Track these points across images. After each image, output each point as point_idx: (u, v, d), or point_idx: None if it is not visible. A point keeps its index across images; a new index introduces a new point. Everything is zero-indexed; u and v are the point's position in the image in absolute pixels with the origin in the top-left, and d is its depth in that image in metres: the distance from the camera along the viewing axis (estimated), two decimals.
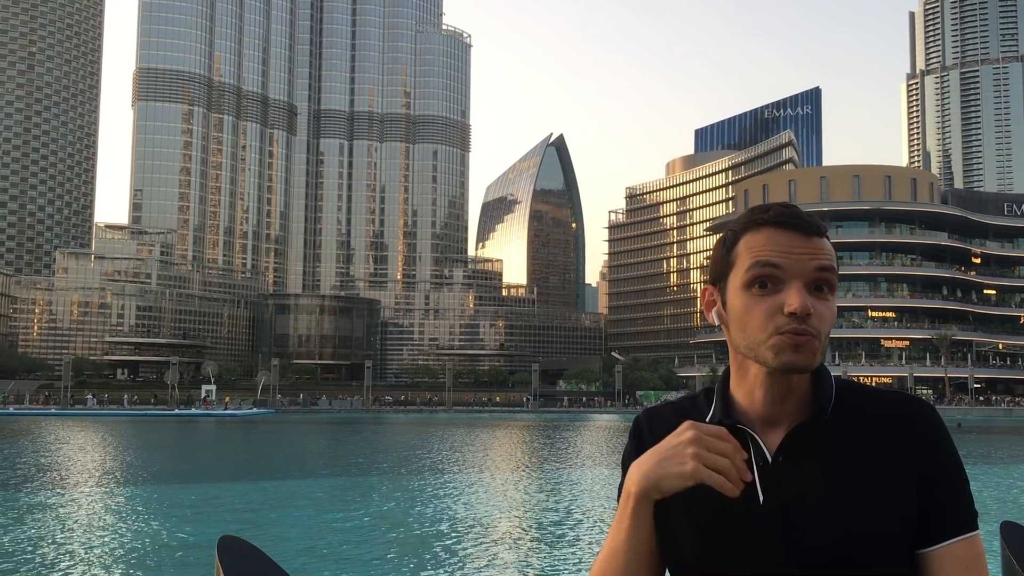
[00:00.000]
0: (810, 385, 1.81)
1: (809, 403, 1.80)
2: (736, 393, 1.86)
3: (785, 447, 1.78)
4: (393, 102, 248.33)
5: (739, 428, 1.80)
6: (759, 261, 1.75)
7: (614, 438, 65.41)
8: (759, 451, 1.79)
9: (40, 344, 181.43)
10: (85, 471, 38.14)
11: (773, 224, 1.77)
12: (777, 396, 1.79)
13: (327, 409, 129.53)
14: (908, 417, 1.78)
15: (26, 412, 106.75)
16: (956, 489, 1.76)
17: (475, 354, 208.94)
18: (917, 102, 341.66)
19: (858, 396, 1.83)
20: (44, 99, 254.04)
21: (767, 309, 1.73)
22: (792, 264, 1.73)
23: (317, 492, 30.78)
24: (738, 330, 1.79)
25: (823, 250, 1.76)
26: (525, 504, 27.91)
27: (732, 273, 1.80)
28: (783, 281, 1.74)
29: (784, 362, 1.71)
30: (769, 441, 1.80)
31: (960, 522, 1.74)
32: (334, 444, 61.42)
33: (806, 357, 1.71)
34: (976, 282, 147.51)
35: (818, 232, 1.78)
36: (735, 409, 1.84)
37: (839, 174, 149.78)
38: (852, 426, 1.78)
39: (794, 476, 1.74)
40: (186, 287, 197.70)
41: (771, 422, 1.81)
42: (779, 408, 1.80)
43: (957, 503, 1.75)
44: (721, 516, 1.73)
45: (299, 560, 18.00)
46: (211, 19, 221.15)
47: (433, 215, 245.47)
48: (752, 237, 1.78)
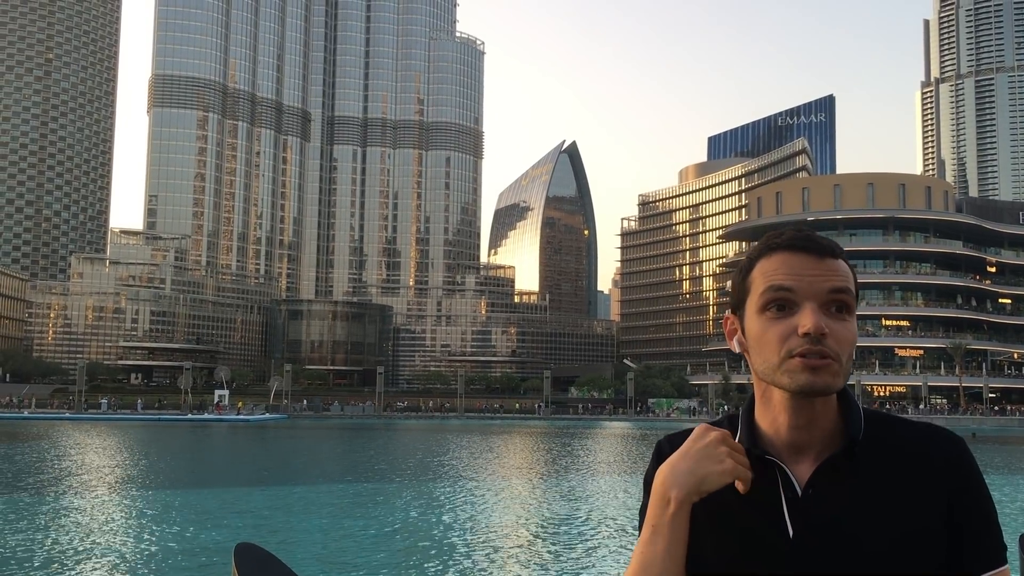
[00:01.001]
0: (838, 413, 1.81)
1: (837, 432, 1.80)
2: (761, 422, 1.85)
3: (815, 480, 1.76)
4: (406, 109, 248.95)
5: (767, 459, 1.79)
6: (772, 285, 1.77)
7: (628, 446, 65.31)
8: (788, 483, 1.77)
9: (55, 348, 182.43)
10: (100, 475, 38.34)
11: (785, 248, 1.80)
12: (802, 421, 1.78)
13: (339, 415, 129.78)
14: (940, 452, 1.77)
15: (41, 416, 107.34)
16: (987, 525, 1.76)
17: (487, 360, 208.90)
18: (932, 110, 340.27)
19: (887, 427, 1.83)
20: (60, 105, 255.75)
21: (782, 332, 1.74)
22: (805, 286, 1.74)
23: (333, 499, 30.86)
24: (756, 355, 1.79)
25: (837, 272, 1.77)
26: (541, 512, 27.89)
27: (749, 299, 1.82)
28: (797, 304, 1.75)
29: (801, 384, 1.71)
30: (797, 472, 1.78)
31: (989, 557, 1.75)
32: (348, 450, 61.53)
33: (824, 379, 1.71)
34: (991, 291, 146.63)
35: (832, 254, 1.79)
36: (761, 438, 1.83)
37: (853, 182, 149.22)
38: (883, 459, 1.77)
39: (825, 510, 1.73)
40: (200, 292, 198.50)
41: (798, 450, 1.80)
42: (805, 435, 1.79)
43: (987, 539, 1.75)
44: (749, 549, 1.71)
45: (315, 568, 18.06)
46: (226, 26, 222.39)
47: (446, 221, 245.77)
48: (766, 262, 1.81)
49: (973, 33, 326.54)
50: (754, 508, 1.75)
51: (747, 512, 1.73)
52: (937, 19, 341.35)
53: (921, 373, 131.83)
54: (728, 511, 1.75)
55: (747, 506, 1.73)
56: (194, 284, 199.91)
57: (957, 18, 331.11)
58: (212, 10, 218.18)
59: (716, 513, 1.75)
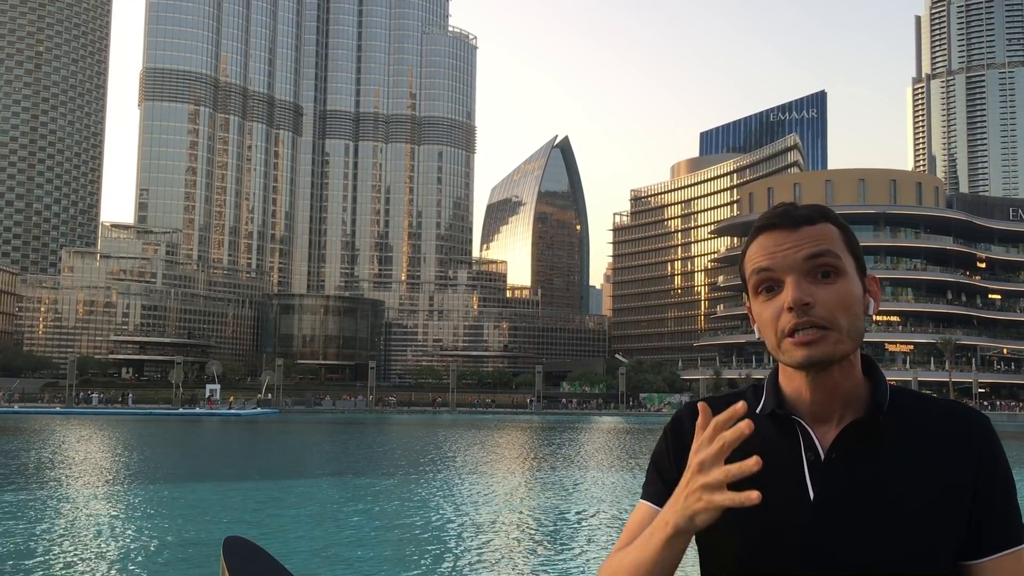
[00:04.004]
0: (863, 381, 1.81)
1: (862, 400, 1.79)
2: (786, 387, 1.84)
3: (839, 443, 1.75)
4: (399, 103, 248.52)
5: (792, 419, 1.79)
6: (755, 268, 1.80)
7: (619, 440, 65.46)
8: (811, 444, 1.76)
9: (45, 342, 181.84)
10: (90, 470, 38.28)
11: (762, 229, 1.82)
12: (824, 395, 1.77)
13: (331, 410, 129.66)
14: (966, 428, 1.77)
15: (31, 411, 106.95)
16: (1009, 504, 1.75)
17: (479, 355, 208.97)
18: (923, 106, 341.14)
19: (912, 400, 1.82)
20: (51, 98, 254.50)
21: (773, 312, 1.76)
22: (780, 261, 1.76)
23: (322, 493, 30.86)
24: (764, 336, 1.82)
25: (812, 237, 1.77)
26: (533, 505, 27.95)
27: (748, 286, 1.85)
28: (780, 281, 1.76)
29: (798, 360, 1.73)
30: (821, 436, 1.77)
31: (1010, 536, 1.74)
32: (339, 445, 61.50)
33: (821, 349, 1.71)
34: (981, 287, 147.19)
35: (808, 221, 1.79)
36: (787, 401, 1.82)
37: (844, 178, 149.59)
38: (909, 428, 1.76)
39: (848, 474, 1.72)
40: (191, 287, 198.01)
41: (822, 418, 1.79)
42: (828, 404, 1.78)
43: (1008, 517, 1.75)
44: (769, 513, 1.67)
45: (304, 561, 18.07)
46: (218, 20, 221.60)
47: (438, 216, 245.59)
48: (751, 248, 1.83)
49: (964, 29, 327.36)
50: (775, 472, 1.71)
51: (768, 475, 1.64)
52: (928, 15, 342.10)
53: (911, 368, 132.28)
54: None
55: (768, 469, 1.64)
56: (185, 278, 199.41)
57: (948, 14, 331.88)
58: (203, 3, 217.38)
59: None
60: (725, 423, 1.56)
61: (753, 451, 1.63)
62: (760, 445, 1.69)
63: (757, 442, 1.68)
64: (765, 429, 1.80)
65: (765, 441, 1.76)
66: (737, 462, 1.55)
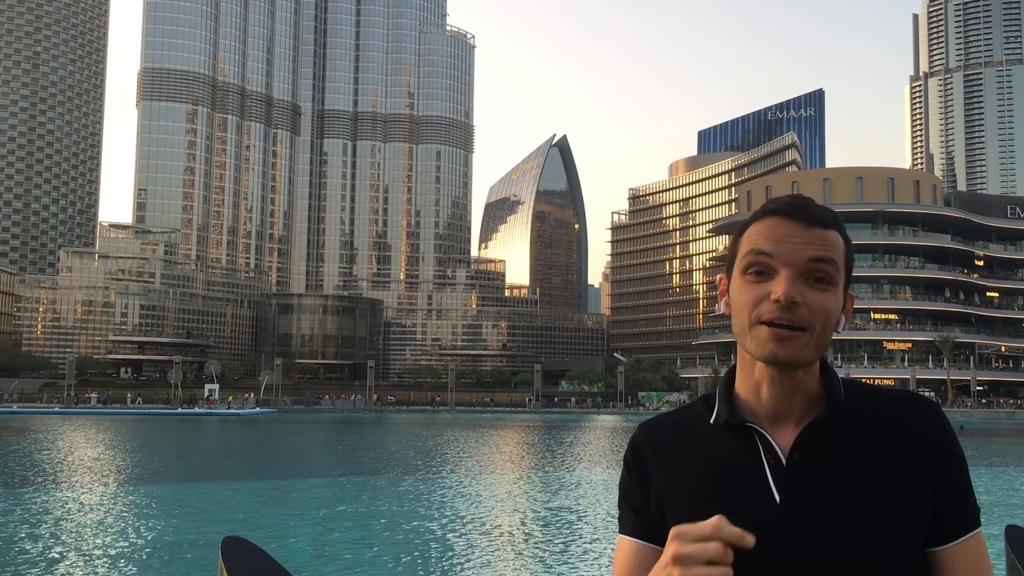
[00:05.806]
0: (819, 381, 1.81)
1: (818, 400, 1.79)
2: (741, 389, 1.84)
3: (799, 445, 1.75)
4: (397, 102, 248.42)
5: (748, 426, 1.79)
6: (753, 248, 1.76)
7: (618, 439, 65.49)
8: (769, 448, 1.77)
9: (44, 343, 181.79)
10: (88, 470, 38.27)
11: (775, 213, 1.79)
12: (784, 393, 1.78)
13: (330, 409, 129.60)
14: (920, 417, 1.79)
15: (29, 411, 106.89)
16: (965, 489, 1.79)
17: (477, 354, 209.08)
18: (920, 104, 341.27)
19: (866, 395, 1.83)
20: (49, 98, 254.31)
21: (755, 295, 1.74)
22: (784, 252, 1.73)
23: (321, 492, 30.88)
24: (734, 316, 1.79)
25: (822, 241, 1.75)
26: (532, 506, 27.99)
27: (736, 261, 1.82)
28: (775, 270, 1.74)
29: (765, 354, 1.72)
30: (779, 439, 1.77)
31: (969, 520, 1.78)
32: (338, 444, 61.52)
33: (790, 350, 1.71)
34: (979, 284, 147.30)
35: (822, 224, 1.77)
36: (740, 408, 1.82)
37: (842, 176, 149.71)
38: (865, 425, 1.77)
39: (810, 475, 1.72)
40: (190, 286, 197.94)
41: (778, 419, 1.79)
42: (786, 405, 1.79)
43: (966, 502, 1.78)
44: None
45: (303, 561, 18.10)
46: (215, 19, 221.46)
47: (436, 215, 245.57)
48: (755, 227, 1.80)
49: (962, 28, 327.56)
50: (738, 479, 1.74)
51: (731, 483, 1.72)
52: (926, 14, 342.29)
53: (909, 366, 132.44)
54: (712, 486, 1.75)
55: (730, 477, 1.72)
56: (184, 278, 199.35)
57: (946, 13, 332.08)
58: (201, 3, 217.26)
59: (700, 490, 1.75)
60: (727, 532, 1.48)
61: (712, 463, 1.69)
62: (720, 456, 1.75)
63: (716, 454, 1.75)
64: (722, 439, 1.80)
65: (724, 452, 1.78)
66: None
